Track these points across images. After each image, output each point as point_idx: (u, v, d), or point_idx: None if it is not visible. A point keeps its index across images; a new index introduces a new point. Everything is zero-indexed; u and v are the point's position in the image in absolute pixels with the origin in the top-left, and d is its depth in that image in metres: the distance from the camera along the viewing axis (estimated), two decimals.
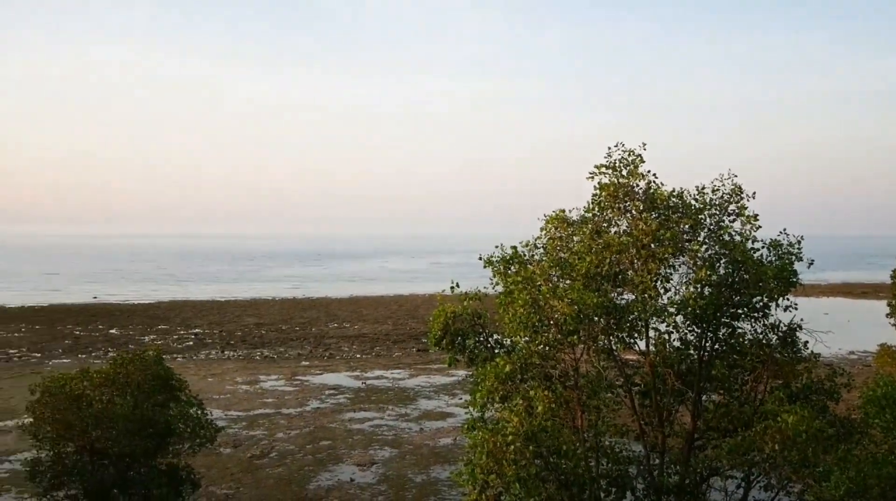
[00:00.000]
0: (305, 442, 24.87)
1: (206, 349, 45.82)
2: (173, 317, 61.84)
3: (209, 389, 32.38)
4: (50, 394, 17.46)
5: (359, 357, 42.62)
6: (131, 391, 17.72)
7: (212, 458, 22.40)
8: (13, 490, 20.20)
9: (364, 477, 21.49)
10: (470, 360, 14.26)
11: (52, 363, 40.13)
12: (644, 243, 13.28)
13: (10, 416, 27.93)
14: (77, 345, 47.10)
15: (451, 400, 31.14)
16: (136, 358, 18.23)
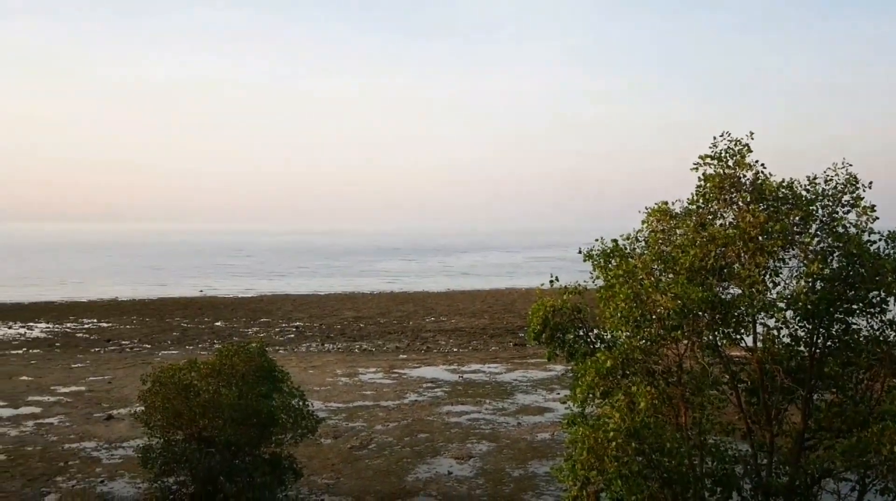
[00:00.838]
0: (403, 435, 25.10)
1: (307, 341, 46.83)
2: (275, 310, 63.45)
3: (310, 381, 33.05)
4: (160, 384, 18.11)
5: (455, 351, 42.75)
6: (236, 382, 18.21)
7: (313, 448, 22.84)
8: (126, 476, 21.07)
9: (462, 471, 21.53)
10: (569, 355, 14.06)
11: (161, 354, 41.73)
12: (751, 236, 12.77)
13: (123, 404, 29.17)
14: (184, 337, 48.85)
15: (548, 395, 30.90)
16: (240, 350, 18.74)
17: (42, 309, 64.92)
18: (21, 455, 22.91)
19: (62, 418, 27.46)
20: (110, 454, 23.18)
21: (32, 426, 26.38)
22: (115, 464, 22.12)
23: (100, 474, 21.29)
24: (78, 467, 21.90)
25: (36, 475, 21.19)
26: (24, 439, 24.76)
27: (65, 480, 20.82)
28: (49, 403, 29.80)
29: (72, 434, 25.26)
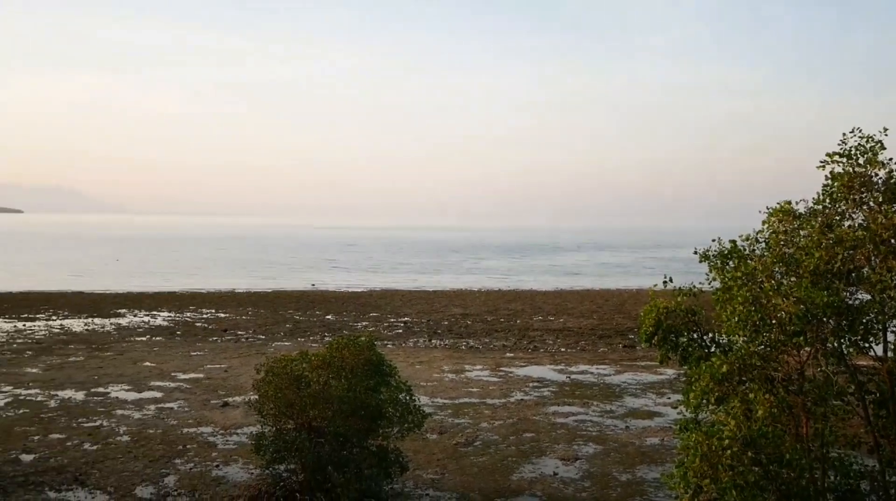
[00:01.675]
0: (509, 433, 24.97)
1: (415, 337, 47.28)
2: (384, 305, 64.37)
3: (417, 376, 33.33)
4: (273, 374, 18.61)
5: (563, 351, 42.30)
6: (346, 375, 18.52)
7: (419, 443, 22.99)
8: (240, 461, 21.74)
9: (567, 472, 21.24)
10: (683, 358, 13.64)
11: (274, 345, 42.94)
12: (884, 239, 12.06)
13: (238, 393, 30.14)
14: (296, 329, 50.12)
15: (658, 399, 30.15)
16: (350, 343, 19.04)
17: (165, 299, 67.92)
18: (143, 438, 23.98)
19: (181, 403, 28.60)
20: (225, 440, 23.98)
21: (154, 410, 27.58)
22: (229, 450, 22.87)
23: (215, 459, 22.05)
24: (195, 451, 22.76)
25: (157, 456, 22.14)
26: (146, 422, 25.92)
27: (183, 463, 21.66)
28: (170, 388, 31.10)
29: (190, 420, 26.28)
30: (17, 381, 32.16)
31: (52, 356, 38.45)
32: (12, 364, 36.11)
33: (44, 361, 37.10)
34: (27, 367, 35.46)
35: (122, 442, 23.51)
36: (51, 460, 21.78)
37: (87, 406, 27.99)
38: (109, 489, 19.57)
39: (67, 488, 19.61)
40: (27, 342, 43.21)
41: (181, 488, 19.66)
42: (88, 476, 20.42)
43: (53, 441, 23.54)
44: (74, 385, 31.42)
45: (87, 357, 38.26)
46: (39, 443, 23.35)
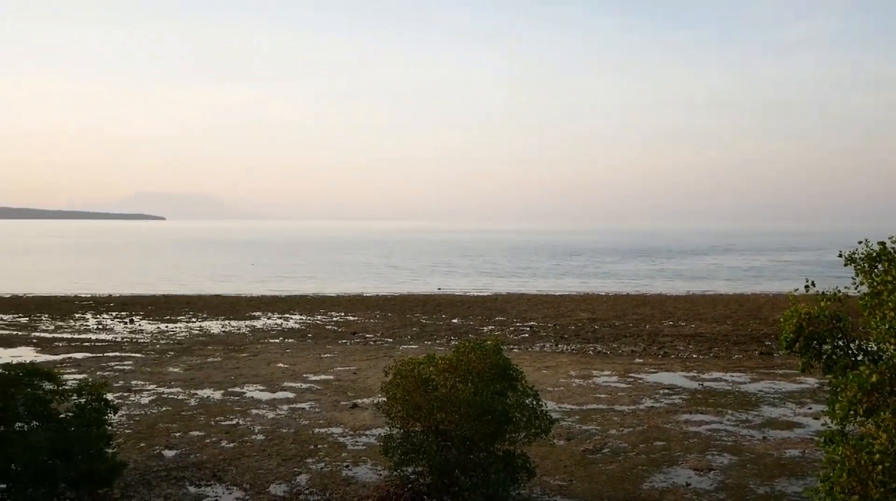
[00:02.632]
0: (638, 441, 24.33)
1: (541, 341, 46.90)
2: (509, 309, 64.23)
3: (543, 380, 33.01)
4: (401, 376, 18.77)
5: (695, 357, 40.98)
6: (472, 378, 18.48)
7: (546, 449, 22.72)
8: (369, 462, 22.06)
9: (701, 483, 20.48)
10: (827, 367, 12.87)
11: (402, 348, 43.52)
12: None
13: (366, 394, 30.67)
14: (423, 332, 50.65)
15: (798, 409, 28.72)
16: (477, 347, 19.00)
17: (297, 302, 70.12)
18: (277, 437, 24.72)
19: (312, 404, 29.35)
20: (354, 441, 24.42)
21: (287, 410, 28.41)
22: (358, 451, 23.26)
23: (345, 459, 22.47)
24: (326, 451, 23.27)
25: (289, 455, 22.77)
26: (279, 421, 26.72)
27: (314, 462, 22.18)
28: (301, 389, 31.98)
29: (321, 420, 26.91)
30: (161, 380, 33.85)
31: (192, 357, 40.29)
32: (156, 364, 38.05)
33: (184, 361, 38.91)
34: (169, 366, 37.28)
35: (256, 441, 24.31)
36: (191, 456, 22.75)
37: (225, 405, 29.12)
38: (245, 485, 20.25)
39: (206, 483, 20.42)
40: (169, 343, 45.48)
41: (313, 487, 20.12)
42: (226, 473, 21.20)
43: (193, 438, 24.60)
44: (212, 385, 32.78)
45: (225, 358, 39.86)
46: (180, 440, 24.45)
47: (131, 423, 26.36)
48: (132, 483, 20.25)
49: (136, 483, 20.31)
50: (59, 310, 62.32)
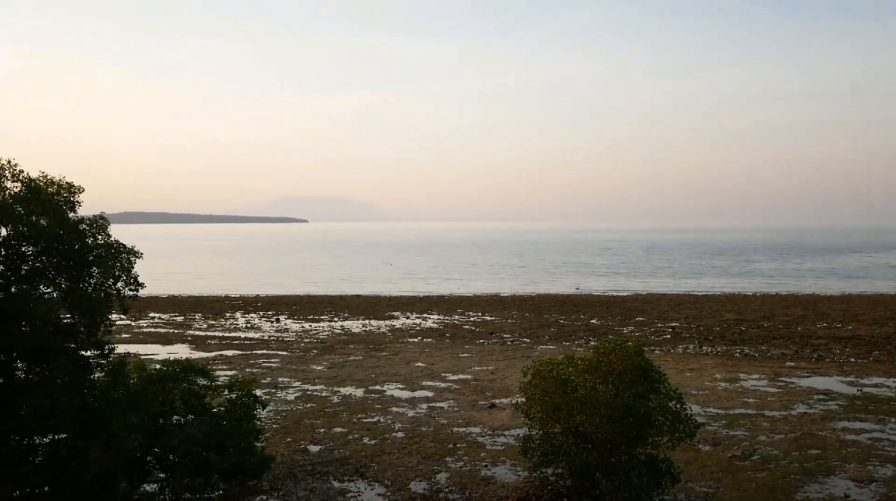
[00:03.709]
0: (791, 448, 23.10)
1: (683, 343, 45.46)
2: (650, 310, 62.65)
3: (687, 383, 31.95)
4: (539, 377, 18.56)
5: (853, 361, 38.62)
6: (613, 380, 18.06)
7: (690, 454, 21.94)
8: (507, 463, 21.94)
9: (861, 495, 19.21)
10: None
11: (539, 349, 43.19)
12: None
13: (504, 394, 30.58)
14: (561, 333, 50.11)
15: None
16: (617, 348, 18.55)
17: (434, 302, 70.97)
18: (416, 435, 24.99)
19: (451, 403, 29.52)
20: (493, 440, 24.36)
21: (426, 408, 28.69)
22: (497, 451, 23.18)
23: (484, 459, 22.44)
24: (465, 450, 23.32)
25: (429, 453, 22.95)
26: (419, 420, 27.01)
27: (453, 461, 22.27)
28: (440, 388, 32.24)
29: (459, 419, 27.02)
30: (305, 377, 34.94)
31: (335, 355, 41.40)
32: (301, 361, 39.34)
33: (327, 359, 40.04)
34: (313, 364, 38.45)
35: (397, 438, 24.66)
36: (334, 452, 23.32)
37: (366, 403, 29.72)
38: (386, 482, 20.55)
39: (349, 479, 20.86)
40: (313, 341, 46.94)
41: (452, 486, 20.19)
42: (368, 469, 21.60)
43: (336, 435, 25.21)
44: (354, 383, 33.54)
45: (365, 357, 40.75)
46: (324, 436, 25.11)
47: (278, 418, 27.31)
48: (279, 476, 20.94)
49: (284, 476, 20.99)
50: (211, 309, 65.55)
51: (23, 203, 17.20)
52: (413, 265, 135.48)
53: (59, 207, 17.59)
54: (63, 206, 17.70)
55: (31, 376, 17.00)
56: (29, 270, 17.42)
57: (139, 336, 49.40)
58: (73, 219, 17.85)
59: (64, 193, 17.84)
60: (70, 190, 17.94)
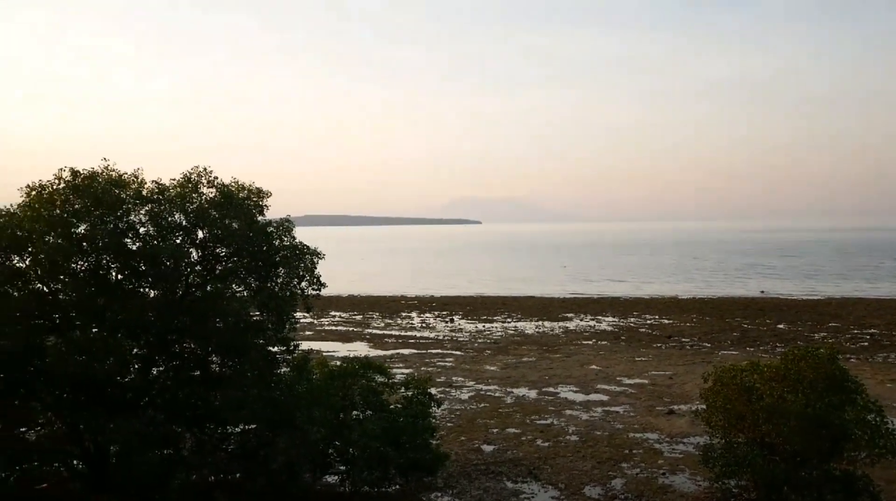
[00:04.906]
0: None
1: (884, 351, 42.19)
2: (845, 315, 58.57)
3: (888, 395, 29.62)
4: (721, 384, 17.79)
5: None
6: (803, 389, 17.02)
7: (892, 472, 20.26)
8: (686, 471, 21.15)
9: None
10: None
11: (720, 354, 41.44)
12: None
13: (683, 400, 29.55)
14: (744, 338, 47.85)
15: None
16: (808, 355, 17.47)
17: (608, 304, 69.73)
18: (591, 439, 24.59)
19: (627, 408, 28.84)
20: (671, 448, 23.57)
21: (601, 412, 28.19)
22: (675, 459, 22.41)
23: (661, 466, 21.75)
24: (641, 456, 22.69)
25: (604, 458, 22.51)
26: (593, 423, 26.57)
27: (629, 467, 21.72)
28: (615, 392, 31.59)
29: (635, 424, 26.34)
30: (479, 377, 35.24)
31: (508, 356, 41.52)
32: (475, 361, 39.73)
33: (500, 360, 40.21)
34: (487, 365, 38.73)
35: (570, 441, 24.36)
36: (508, 452, 23.34)
37: (539, 404, 29.57)
38: (560, 485, 20.33)
39: (522, 480, 20.80)
40: (486, 342, 47.30)
41: (628, 492, 19.69)
42: (541, 471, 21.46)
43: (510, 435, 25.24)
44: (527, 384, 33.47)
45: (539, 358, 40.60)
46: (498, 436, 25.20)
47: (452, 417, 27.68)
48: (454, 473, 21.20)
49: (458, 474, 21.23)
50: (388, 309, 67.55)
51: (217, 208, 18.33)
52: (586, 267, 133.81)
53: (249, 211, 18.62)
54: (253, 210, 18.73)
55: (225, 369, 18.09)
56: (222, 270, 18.56)
57: (321, 334, 51.65)
58: (261, 222, 18.84)
59: (253, 197, 18.88)
60: (259, 195, 18.96)
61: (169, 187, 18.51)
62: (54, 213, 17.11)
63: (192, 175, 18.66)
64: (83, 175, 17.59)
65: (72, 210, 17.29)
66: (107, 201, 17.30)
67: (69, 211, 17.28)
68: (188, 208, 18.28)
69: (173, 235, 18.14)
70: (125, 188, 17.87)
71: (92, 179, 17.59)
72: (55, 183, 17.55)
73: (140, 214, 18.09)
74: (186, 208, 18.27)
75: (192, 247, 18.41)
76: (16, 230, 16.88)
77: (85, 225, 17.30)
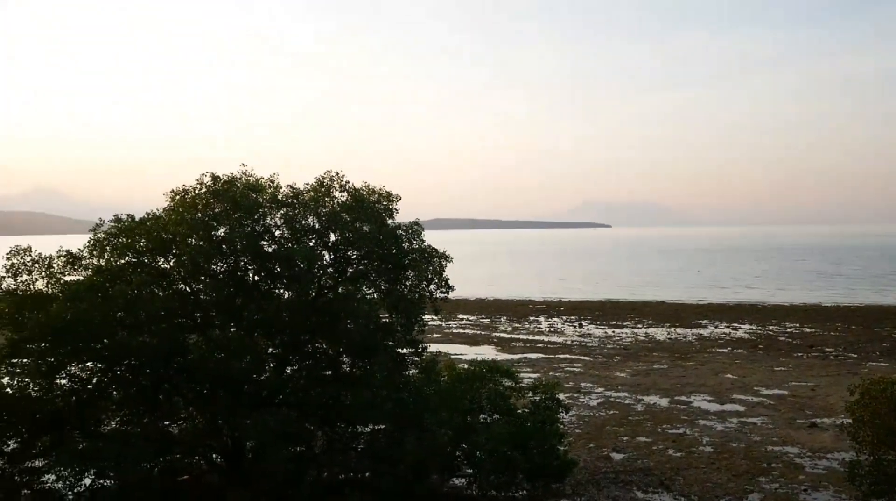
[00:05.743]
0: None
1: None
2: None
3: None
4: (870, 397, 16.75)
5: None
6: None
7: None
8: (831, 489, 20.01)
9: None
10: None
11: (868, 365, 39.12)
12: None
13: (827, 414, 28.03)
14: (895, 348, 45.01)
15: None
16: None
17: (746, 310, 67.11)
18: (726, 451, 23.65)
19: (764, 419, 27.61)
20: (813, 463, 22.38)
21: (736, 423, 27.10)
22: (818, 474, 21.26)
23: (802, 482, 20.68)
24: (780, 471, 21.65)
25: (740, 471, 21.60)
26: (728, 435, 25.56)
27: (767, 482, 20.75)
28: (752, 403, 30.30)
29: (774, 437, 25.16)
30: (608, 383, 34.58)
31: (638, 362, 40.58)
32: (604, 367, 39.04)
33: (630, 366, 39.34)
34: (616, 371, 37.96)
35: (704, 453, 23.51)
36: (638, 461, 22.75)
37: (671, 413, 28.72)
38: (693, 497, 19.63)
39: (653, 490, 20.21)
40: (616, 348, 46.40)
41: None
42: (673, 482, 20.79)
43: (640, 444, 24.60)
44: (658, 392, 32.57)
45: (670, 365, 39.48)
46: (628, 444, 24.61)
47: (581, 423, 27.26)
48: (582, 481, 20.84)
49: (586, 481, 20.85)
50: (516, 313, 67.38)
51: (349, 211, 18.74)
52: (720, 272, 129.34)
53: (379, 214, 18.94)
54: (383, 213, 19.04)
55: (355, 370, 18.44)
56: (353, 272, 18.95)
57: (449, 336, 52.05)
58: (391, 225, 19.13)
59: (383, 201, 19.20)
60: (389, 198, 19.26)
61: (303, 191, 19.08)
62: (196, 216, 17.93)
63: (325, 179, 19.17)
64: (223, 180, 18.37)
65: (212, 214, 18.08)
66: (244, 205, 17.99)
67: (210, 215, 18.07)
68: (321, 211, 18.79)
69: (307, 237, 18.67)
70: (261, 192, 18.55)
71: (231, 183, 18.35)
72: (197, 188, 18.40)
73: (275, 217, 18.74)
74: (319, 212, 18.79)
75: (325, 250, 18.89)
76: (161, 233, 17.78)
77: (224, 228, 18.05)
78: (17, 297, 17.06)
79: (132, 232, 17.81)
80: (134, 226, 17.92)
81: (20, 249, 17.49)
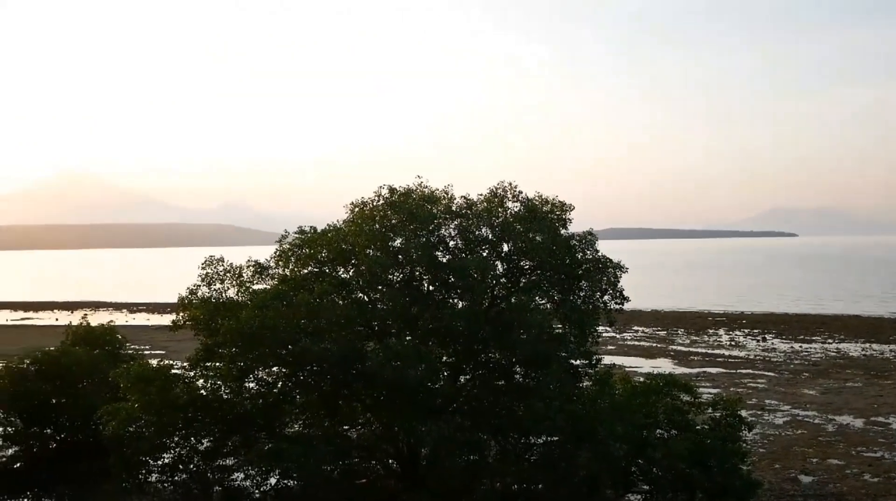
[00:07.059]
0: None
1: None
2: None
3: None
4: None
5: None
6: None
7: None
8: None
9: None
10: None
11: None
12: None
13: None
14: None
15: None
16: None
17: None
18: None
19: None
20: None
21: None
22: None
23: None
24: None
25: None
26: None
27: None
28: None
29: None
30: (795, 401, 32.65)
31: (829, 380, 38.06)
32: (790, 384, 36.90)
33: (820, 383, 36.96)
34: (804, 388, 35.79)
35: None
36: (829, 485, 21.31)
37: (867, 435, 26.72)
38: None
39: None
40: (803, 364, 43.75)
41: None
42: None
43: (832, 467, 23.04)
44: (852, 412, 30.40)
45: (865, 384, 36.77)
46: (817, 466, 23.12)
47: (765, 442, 25.87)
48: None
49: None
50: (694, 325, 65.03)
51: (521, 221, 18.77)
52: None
53: (552, 224, 18.85)
54: (556, 223, 18.93)
55: (528, 380, 18.39)
56: (526, 282, 18.94)
57: (623, 348, 50.95)
58: (564, 235, 18.98)
59: (556, 211, 19.09)
60: (562, 208, 19.13)
61: (476, 202, 19.29)
62: (374, 227, 18.55)
63: (498, 190, 19.31)
64: (399, 192, 18.90)
65: (389, 225, 18.64)
66: (420, 216, 18.41)
67: (387, 226, 18.63)
68: (494, 222, 18.94)
69: (480, 248, 18.86)
70: (436, 204, 18.92)
71: (407, 195, 18.85)
72: (375, 200, 19.03)
73: (450, 228, 19.06)
74: (492, 222, 18.94)
75: (498, 260, 19.01)
76: (341, 244, 18.52)
77: (400, 239, 18.55)
78: (211, 305, 18.29)
79: (314, 243, 18.67)
80: (316, 237, 18.79)
81: (213, 259, 18.76)
